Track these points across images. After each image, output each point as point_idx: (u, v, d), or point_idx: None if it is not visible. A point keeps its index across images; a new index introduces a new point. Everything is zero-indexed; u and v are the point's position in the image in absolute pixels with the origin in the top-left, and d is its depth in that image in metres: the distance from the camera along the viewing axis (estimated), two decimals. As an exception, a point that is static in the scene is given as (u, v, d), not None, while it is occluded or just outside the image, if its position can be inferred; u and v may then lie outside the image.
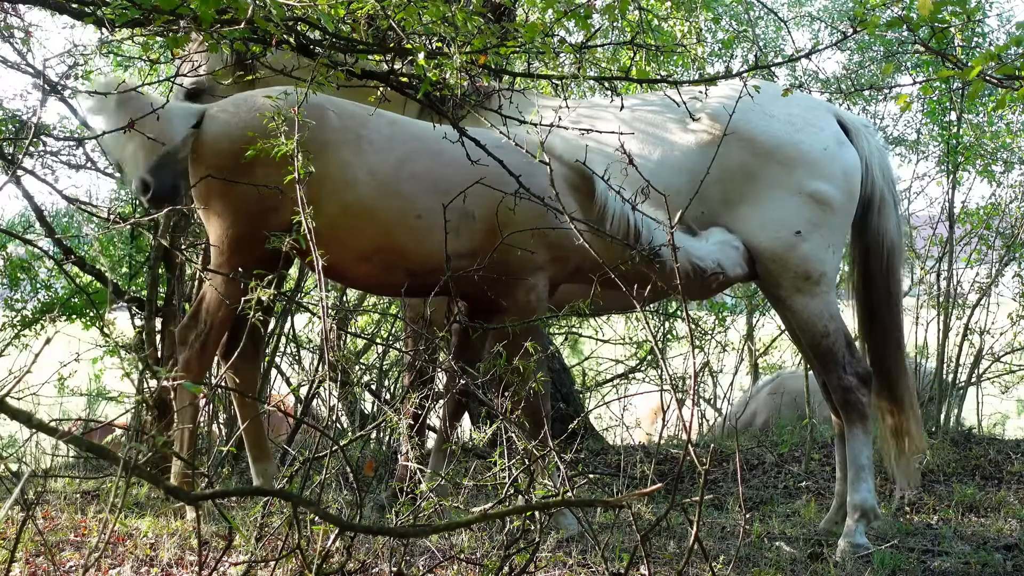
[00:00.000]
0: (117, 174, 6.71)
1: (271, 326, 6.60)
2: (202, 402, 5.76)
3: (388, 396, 7.66)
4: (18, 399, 3.75)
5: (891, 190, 5.19)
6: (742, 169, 4.96)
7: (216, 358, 4.91)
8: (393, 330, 7.64)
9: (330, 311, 5.44)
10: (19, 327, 6.44)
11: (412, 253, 4.45)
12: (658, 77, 5.09)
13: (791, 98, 5.05)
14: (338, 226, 4.35)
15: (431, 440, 6.96)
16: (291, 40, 3.86)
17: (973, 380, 7.94)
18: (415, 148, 4.52)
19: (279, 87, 4.28)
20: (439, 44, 3.95)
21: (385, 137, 4.52)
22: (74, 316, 6.58)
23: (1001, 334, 8.06)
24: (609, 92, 5.14)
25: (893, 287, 5.17)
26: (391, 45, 4.11)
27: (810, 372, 6.74)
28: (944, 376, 7.51)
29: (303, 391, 6.80)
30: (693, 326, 8.58)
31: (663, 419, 3.75)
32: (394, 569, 3.63)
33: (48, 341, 3.31)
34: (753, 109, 4.89)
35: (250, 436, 4.74)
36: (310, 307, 7.44)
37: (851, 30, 4.26)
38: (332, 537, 3.35)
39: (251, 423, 4.70)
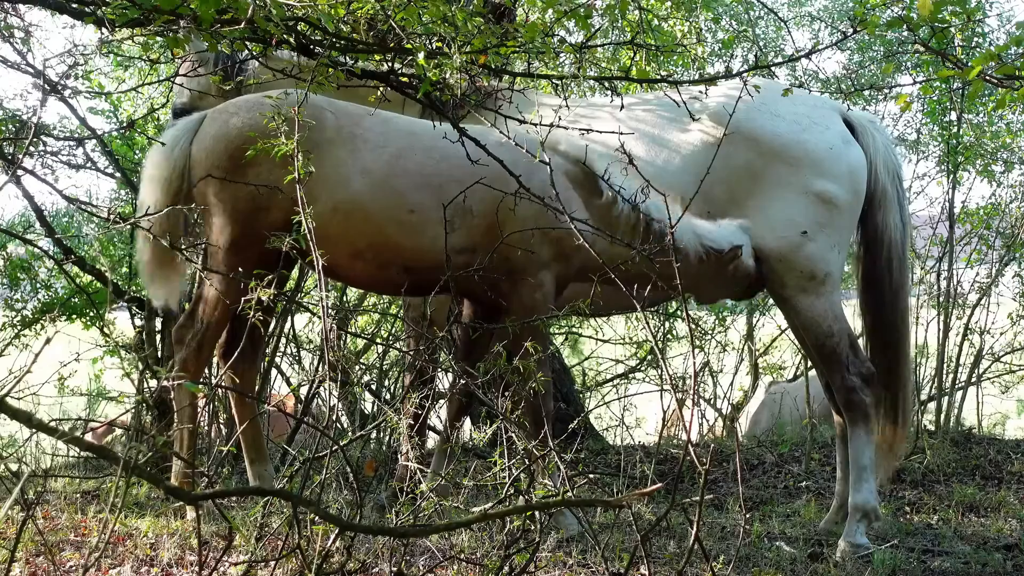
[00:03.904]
0: (117, 174, 6.72)
1: (271, 326, 6.61)
2: (201, 402, 5.76)
3: (388, 396, 7.66)
4: (18, 399, 3.74)
5: (896, 186, 5.14)
6: (748, 169, 4.94)
7: (215, 358, 4.91)
8: (393, 330, 7.64)
9: (330, 311, 5.44)
10: (19, 327, 6.44)
11: (406, 249, 4.44)
12: (658, 77, 5.09)
13: (796, 97, 5.04)
14: (331, 224, 4.35)
15: (431, 440, 6.97)
16: (291, 40, 3.85)
17: (973, 380, 7.94)
18: (408, 144, 4.52)
19: (278, 91, 4.29)
20: (439, 44, 3.95)
21: (379, 135, 4.53)
22: (74, 316, 6.58)
23: (1001, 334, 8.06)
24: (609, 92, 5.14)
25: (894, 284, 5.12)
26: (391, 45, 4.11)
27: (811, 372, 6.74)
28: (944, 376, 7.51)
29: (303, 391, 6.80)
30: (693, 326, 8.57)
31: (663, 419, 3.74)
32: (394, 569, 3.63)
33: (48, 341, 3.31)
34: (759, 108, 4.88)
35: (248, 437, 4.75)
36: (310, 307, 7.44)
37: (851, 30, 4.25)
38: (332, 537, 3.35)
39: (249, 424, 4.70)
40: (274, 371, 7.27)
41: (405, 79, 4.47)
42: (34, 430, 2.83)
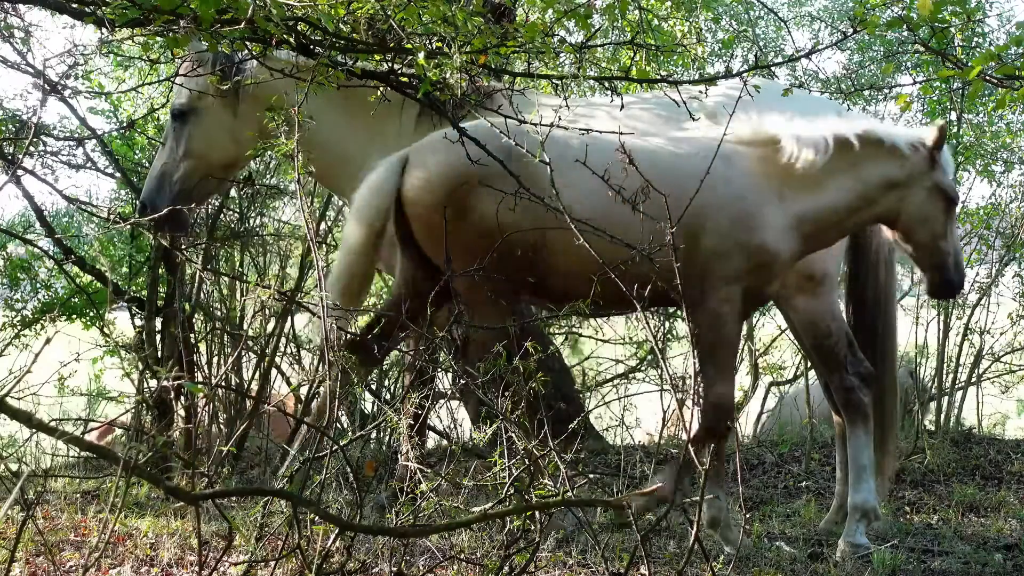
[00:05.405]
0: (117, 174, 6.72)
1: (272, 326, 6.61)
2: (202, 402, 5.78)
3: (388, 396, 7.66)
4: (18, 399, 3.75)
5: None
6: None
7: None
8: (393, 330, 7.61)
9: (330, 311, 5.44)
10: (19, 327, 6.44)
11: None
12: (658, 77, 5.09)
13: (794, 97, 5.04)
14: (561, 262, 4.40)
15: (431, 440, 6.97)
16: (291, 40, 3.85)
17: (973, 380, 7.94)
18: (609, 164, 4.18)
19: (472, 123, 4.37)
20: (439, 44, 3.95)
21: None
22: (74, 316, 6.59)
23: (1001, 334, 8.05)
24: (609, 92, 5.14)
25: (879, 287, 5.13)
26: (391, 45, 4.11)
27: (810, 372, 6.74)
28: (944, 376, 7.51)
29: (303, 391, 6.80)
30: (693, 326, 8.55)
31: (663, 419, 3.74)
32: (394, 569, 3.63)
33: (48, 341, 3.32)
34: (756, 109, 4.87)
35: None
36: (310, 307, 7.43)
37: (851, 30, 4.25)
38: (332, 537, 3.35)
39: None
40: (274, 371, 7.27)
41: (405, 79, 4.47)
42: (34, 430, 2.83)
